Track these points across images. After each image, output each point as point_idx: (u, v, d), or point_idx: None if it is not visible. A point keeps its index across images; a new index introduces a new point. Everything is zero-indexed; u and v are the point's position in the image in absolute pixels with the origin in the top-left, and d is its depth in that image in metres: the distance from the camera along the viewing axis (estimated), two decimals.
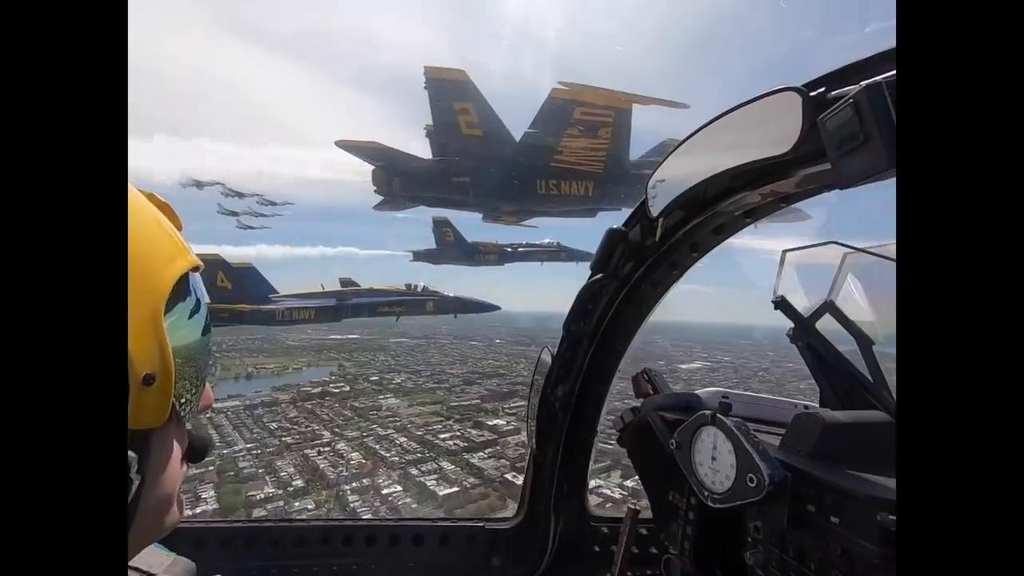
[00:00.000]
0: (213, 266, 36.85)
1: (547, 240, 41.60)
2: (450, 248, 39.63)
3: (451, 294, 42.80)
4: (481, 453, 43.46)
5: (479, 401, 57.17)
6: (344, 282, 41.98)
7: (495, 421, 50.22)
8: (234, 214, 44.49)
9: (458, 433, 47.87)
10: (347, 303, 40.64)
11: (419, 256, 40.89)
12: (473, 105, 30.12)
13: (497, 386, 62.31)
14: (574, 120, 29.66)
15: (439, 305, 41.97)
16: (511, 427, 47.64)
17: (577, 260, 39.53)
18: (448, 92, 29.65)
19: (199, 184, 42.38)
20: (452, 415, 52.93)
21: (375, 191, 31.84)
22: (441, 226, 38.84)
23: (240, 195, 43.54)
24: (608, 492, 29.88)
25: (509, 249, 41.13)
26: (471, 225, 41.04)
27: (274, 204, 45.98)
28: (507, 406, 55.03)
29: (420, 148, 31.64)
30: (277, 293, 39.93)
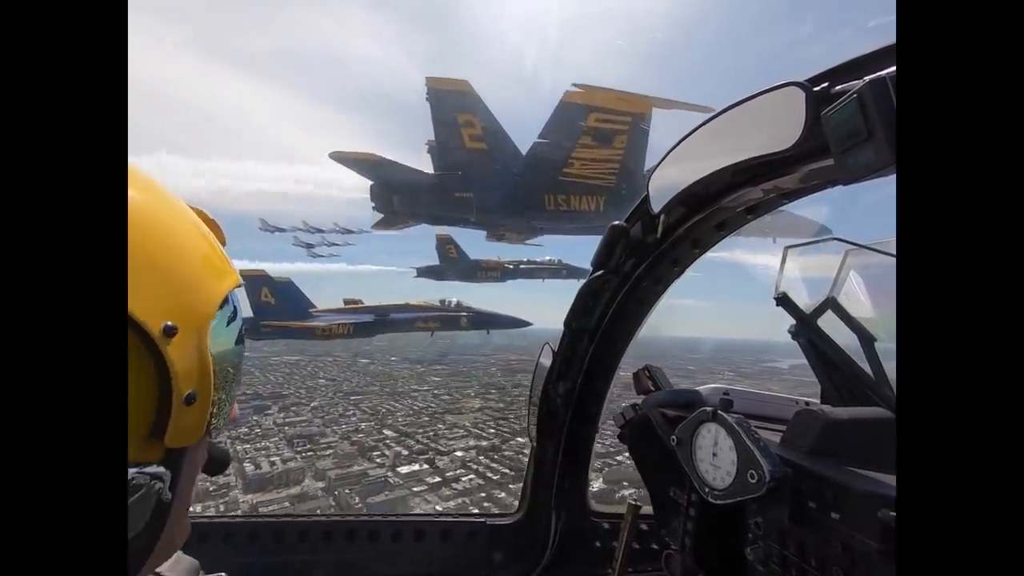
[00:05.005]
0: (257, 281, 37.79)
1: (548, 258, 41.77)
2: (453, 265, 39.94)
3: (484, 310, 43.22)
4: None
5: None
6: (349, 303, 42.46)
7: None
8: (309, 246, 44.66)
9: None
10: (385, 319, 41.30)
11: (422, 273, 41.20)
12: (477, 117, 28.62)
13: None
14: (587, 128, 27.88)
15: (472, 320, 42.62)
16: None
17: (578, 278, 38.98)
18: (451, 104, 28.13)
19: (280, 230, 42.74)
20: None
21: (373, 208, 30.44)
22: (444, 243, 39.22)
23: (320, 231, 43.88)
24: None
25: (511, 266, 41.44)
26: (475, 243, 41.31)
27: (350, 232, 45.84)
28: None
29: (423, 167, 30.22)
30: (315, 308, 40.54)
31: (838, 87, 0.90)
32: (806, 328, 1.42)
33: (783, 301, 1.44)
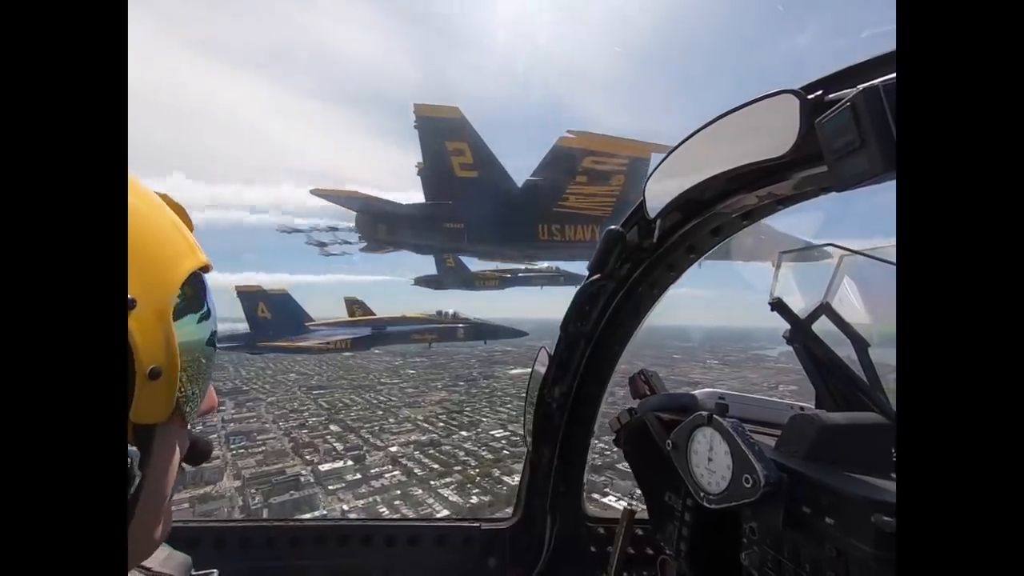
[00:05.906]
0: (254, 296, 38.16)
1: (546, 264, 41.83)
2: (451, 274, 40.04)
3: (481, 320, 43.28)
4: None
5: None
6: (351, 302, 42.40)
7: None
8: (322, 245, 44.72)
9: None
10: (382, 332, 41.36)
11: (420, 282, 41.16)
12: (468, 145, 27.36)
13: None
14: (583, 169, 27.03)
15: (469, 331, 42.67)
16: None
17: (576, 283, 38.50)
18: (441, 131, 26.85)
19: (299, 231, 42.30)
20: None
21: (360, 238, 29.63)
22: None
23: (335, 229, 43.64)
24: None
25: (508, 275, 41.46)
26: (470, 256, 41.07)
27: None
28: None
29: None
30: (312, 321, 40.56)
31: (832, 95, 0.91)
32: (801, 333, 1.42)
33: (777, 306, 1.45)
